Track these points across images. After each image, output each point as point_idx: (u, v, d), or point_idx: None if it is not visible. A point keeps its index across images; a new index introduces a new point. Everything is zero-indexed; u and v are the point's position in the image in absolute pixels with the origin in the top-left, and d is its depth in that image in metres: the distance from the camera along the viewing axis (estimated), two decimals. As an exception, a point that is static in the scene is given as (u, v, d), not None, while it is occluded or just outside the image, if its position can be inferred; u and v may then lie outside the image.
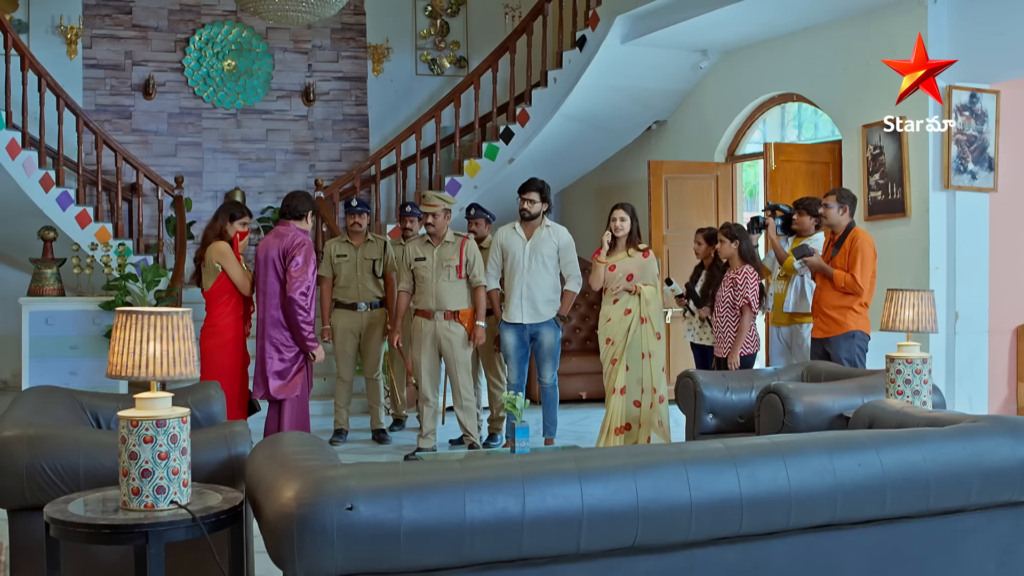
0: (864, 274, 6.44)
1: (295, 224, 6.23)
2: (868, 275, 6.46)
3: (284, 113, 11.86)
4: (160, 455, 2.92)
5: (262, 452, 3.35)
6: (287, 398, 6.24)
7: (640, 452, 3.18)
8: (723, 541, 3.21)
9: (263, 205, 11.81)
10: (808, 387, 5.04)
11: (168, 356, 2.89)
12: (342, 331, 7.85)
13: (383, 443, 7.95)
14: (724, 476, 3.15)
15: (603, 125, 10.41)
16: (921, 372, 4.64)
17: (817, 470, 3.26)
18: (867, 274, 6.45)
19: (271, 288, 6.24)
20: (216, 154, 11.63)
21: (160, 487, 2.93)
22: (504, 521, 2.90)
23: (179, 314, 2.94)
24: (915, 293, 4.75)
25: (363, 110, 12.16)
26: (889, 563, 3.45)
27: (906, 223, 7.68)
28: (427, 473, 2.94)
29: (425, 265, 7.11)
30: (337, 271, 7.87)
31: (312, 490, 2.80)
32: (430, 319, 7.11)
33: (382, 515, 2.80)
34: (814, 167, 8.41)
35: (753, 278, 6.75)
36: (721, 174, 9.85)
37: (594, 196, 11.77)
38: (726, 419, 5.62)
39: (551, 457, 3.12)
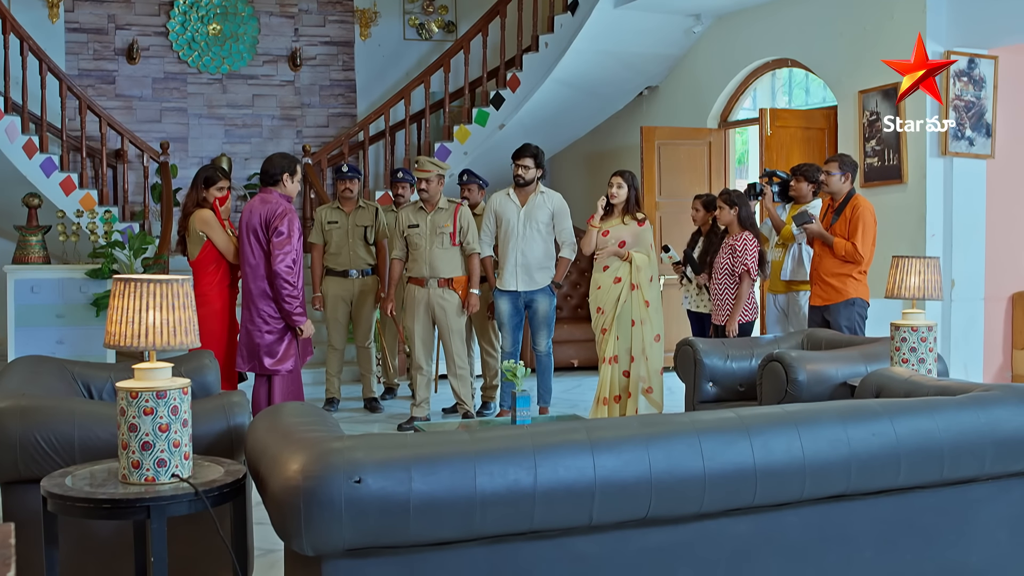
0: (865, 242, 6.39)
1: (275, 190, 5.91)
2: (869, 243, 6.42)
3: (270, 78, 11.69)
4: (161, 427, 2.83)
5: (262, 423, 3.26)
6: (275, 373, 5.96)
7: (653, 422, 3.11)
8: (735, 512, 3.15)
9: (249, 172, 11.65)
10: (811, 355, 4.98)
11: (168, 325, 2.79)
12: (333, 298, 7.76)
13: (375, 412, 7.88)
14: (737, 446, 3.09)
15: (595, 90, 10.29)
16: (927, 340, 4.59)
17: (831, 440, 3.20)
18: (868, 242, 6.40)
19: (255, 258, 6.00)
20: (201, 120, 11.47)
21: (161, 460, 2.84)
22: (515, 493, 2.83)
23: (179, 282, 2.84)
24: (921, 260, 4.69)
25: (350, 75, 12.00)
26: (901, 533, 3.40)
27: (903, 190, 7.62)
28: (437, 444, 2.86)
29: (419, 232, 7.01)
30: (328, 238, 7.76)
31: (319, 462, 2.72)
32: (423, 287, 7.02)
33: (391, 488, 2.72)
34: (809, 133, 8.34)
35: (752, 245, 6.67)
36: (714, 140, 9.76)
37: (585, 162, 11.67)
38: (726, 387, 5.56)
39: (562, 428, 3.04)
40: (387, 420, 7.62)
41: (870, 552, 3.36)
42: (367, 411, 7.92)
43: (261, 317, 5.85)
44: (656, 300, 6.97)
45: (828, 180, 6.54)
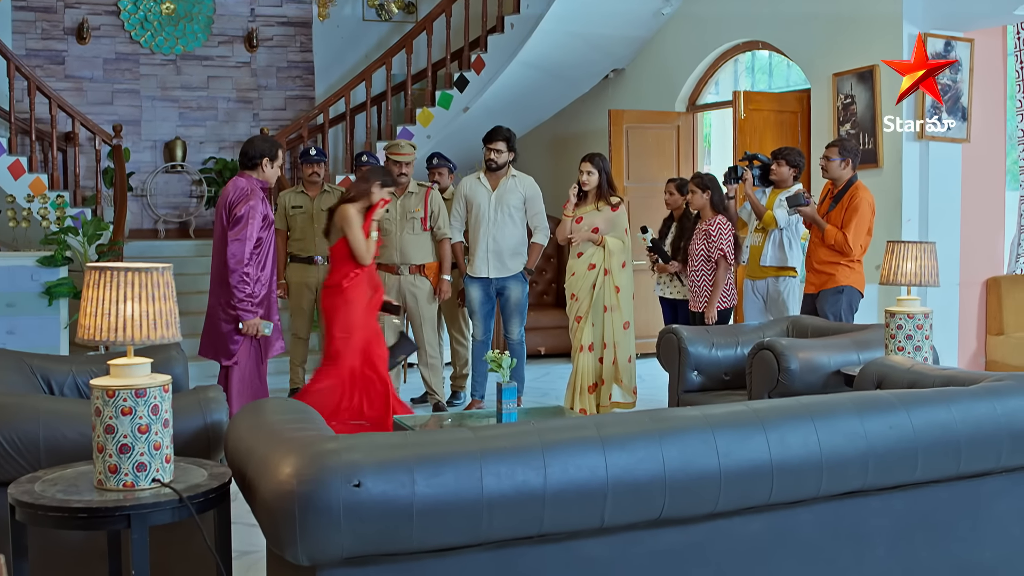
0: (857, 234, 6.22)
1: (252, 174, 5.57)
2: (861, 235, 6.24)
3: (226, 59, 11.37)
4: (140, 428, 2.60)
5: (244, 421, 3.05)
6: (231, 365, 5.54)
7: (665, 417, 2.94)
8: (748, 511, 2.99)
9: (204, 156, 11.36)
10: (803, 343, 4.84)
11: (148, 318, 2.56)
12: (297, 286, 7.50)
13: (341, 402, 7.64)
14: (753, 442, 2.92)
15: (561, 73, 10.10)
16: (923, 327, 4.48)
17: (848, 434, 3.05)
18: (860, 234, 6.23)
19: (219, 241, 5.69)
20: (155, 102, 11.12)
21: (141, 464, 2.62)
22: (524, 495, 2.64)
23: (159, 270, 2.61)
24: (917, 245, 4.57)
25: (308, 57, 11.71)
26: (916, 530, 3.26)
27: (878, 174, 7.51)
28: (440, 444, 2.67)
29: (389, 217, 6.78)
30: (292, 223, 7.50)
31: (314, 465, 2.51)
32: (394, 273, 6.80)
33: (392, 491, 2.53)
34: (783, 116, 8.22)
35: (727, 229, 6.53)
36: (682, 124, 9.63)
37: (550, 146, 11.48)
38: (711, 376, 5.41)
39: (570, 424, 2.86)
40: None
41: (883, 549, 3.22)
42: (333, 402, 7.68)
43: (220, 305, 5.51)
44: (627, 286, 6.76)
45: (827, 165, 6.40)
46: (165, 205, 11.29)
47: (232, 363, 5.42)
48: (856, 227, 6.20)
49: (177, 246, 10.24)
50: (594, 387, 6.75)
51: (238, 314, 5.40)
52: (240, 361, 5.42)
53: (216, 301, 5.48)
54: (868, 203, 6.26)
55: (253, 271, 5.40)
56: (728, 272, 6.54)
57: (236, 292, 5.35)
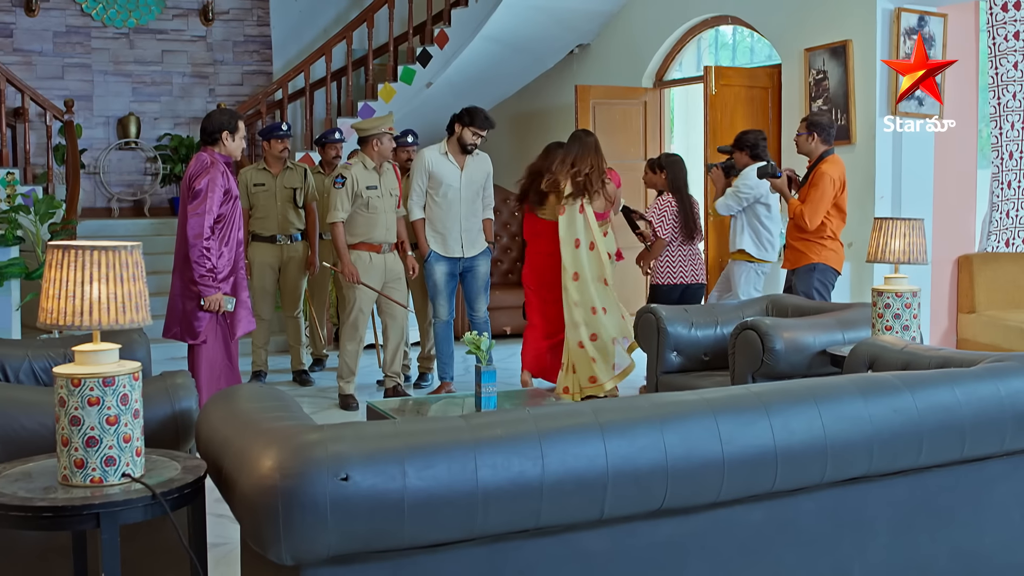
0: (813, 209, 6.10)
1: (215, 149, 5.32)
2: (818, 210, 6.10)
3: (181, 33, 11.05)
4: (108, 419, 2.41)
5: (217, 410, 2.87)
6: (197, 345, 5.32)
7: (665, 402, 2.79)
8: (749, 500, 2.86)
9: (159, 132, 11.06)
10: (787, 323, 4.72)
11: (116, 300, 2.37)
12: (260, 266, 7.28)
13: (305, 385, 7.46)
14: (757, 427, 2.79)
15: (525, 48, 9.91)
16: (911, 306, 4.37)
17: (852, 417, 2.92)
18: (817, 209, 6.09)
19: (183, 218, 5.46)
20: (107, 77, 10.79)
21: (109, 458, 2.42)
22: (521, 487, 2.49)
23: (128, 248, 2.41)
24: (905, 222, 4.46)
25: (265, 31, 11.43)
26: (917, 516, 3.15)
27: (851, 151, 7.42)
28: (431, 433, 2.50)
29: (378, 194, 6.58)
30: (254, 201, 7.27)
31: (297, 458, 2.34)
32: (379, 253, 6.59)
33: (382, 485, 2.36)
34: (753, 92, 8.09)
35: (666, 207, 6.75)
36: (650, 100, 9.48)
37: (512, 123, 11.28)
38: (691, 357, 5.29)
39: (567, 411, 2.71)
40: (317, 394, 7.20)
41: (885, 537, 3.11)
42: (296, 384, 7.50)
43: (183, 282, 5.29)
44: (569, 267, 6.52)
45: (798, 140, 6.34)
46: (119, 183, 10.98)
47: (200, 342, 5.22)
48: (813, 201, 6.09)
49: (132, 225, 9.97)
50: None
51: (199, 290, 5.19)
52: (207, 340, 5.21)
53: (179, 279, 5.29)
54: (830, 177, 6.13)
55: (215, 246, 5.19)
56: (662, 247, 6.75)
57: (195, 267, 5.15)
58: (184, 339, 5.28)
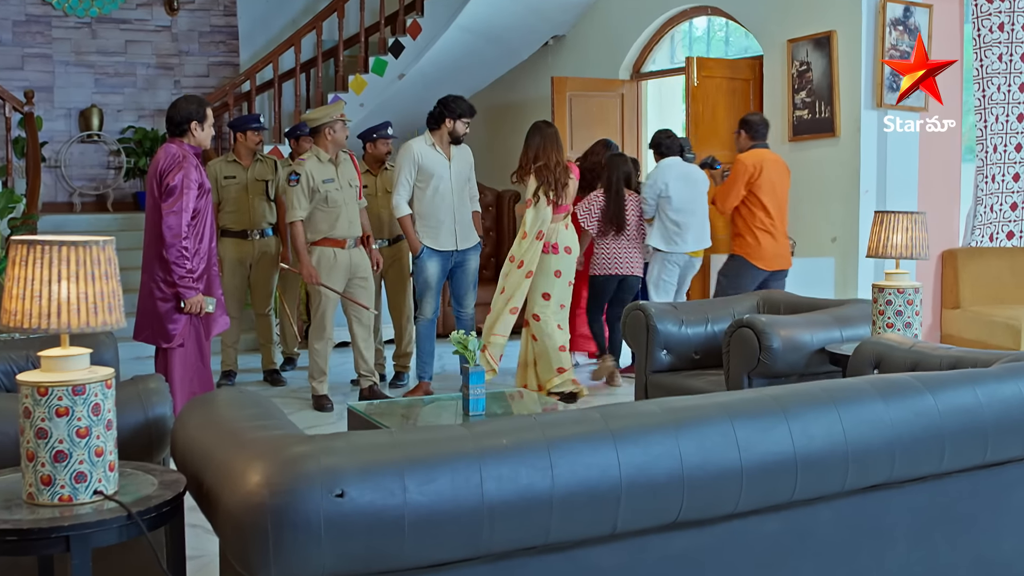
0: (724, 194, 6.60)
1: (184, 140, 5.03)
2: (729, 195, 6.57)
3: (145, 23, 10.76)
4: (78, 432, 2.19)
5: (194, 418, 2.66)
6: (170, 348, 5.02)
7: (678, 407, 2.61)
8: (766, 510, 2.69)
9: (123, 124, 10.77)
10: (783, 320, 4.56)
11: (87, 300, 2.15)
12: (231, 262, 7.02)
13: (277, 385, 7.23)
14: (776, 433, 2.62)
15: (500, 38, 9.70)
16: (913, 303, 4.23)
17: (873, 422, 2.76)
18: (728, 194, 6.58)
19: (152, 215, 5.10)
20: (69, 67, 10.48)
21: (80, 474, 2.21)
22: (529, 500, 2.30)
23: (99, 244, 2.19)
24: (908, 216, 4.31)
25: (232, 21, 11.14)
26: (938, 524, 3.00)
27: (835, 143, 7.30)
28: (433, 444, 2.31)
29: (336, 187, 6.32)
30: (224, 195, 7.01)
31: (287, 472, 2.14)
32: (344, 248, 6.34)
33: (381, 501, 2.17)
34: (735, 84, 7.94)
35: (592, 202, 7.02)
36: (627, 92, 9.32)
37: (485, 115, 11.04)
38: (680, 355, 5.11)
39: (575, 417, 2.52)
40: (289, 394, 6.97)
41: (904, 545, 2.95)
42: (268, 384, 7.26)
43: (155, 282, 4.99)
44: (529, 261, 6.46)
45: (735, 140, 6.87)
46: (81, 177, 10.67)
47: (175, 346, 4.95)
48: (725, 186, 6.61)
49: (95, 220, 9.67)
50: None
51: (178, 292, 4.92)
52: (183, 343, 4.96)
53: (151, 279, 4.97)
54: (743, 164, 6.54)
55: (191, 244, 4.92)
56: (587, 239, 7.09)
57: (175, 269, 4.87)
58: (157, 343, 5.01)
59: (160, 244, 4.89)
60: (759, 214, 6.53)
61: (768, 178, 6.55)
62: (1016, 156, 7.49)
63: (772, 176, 6.59)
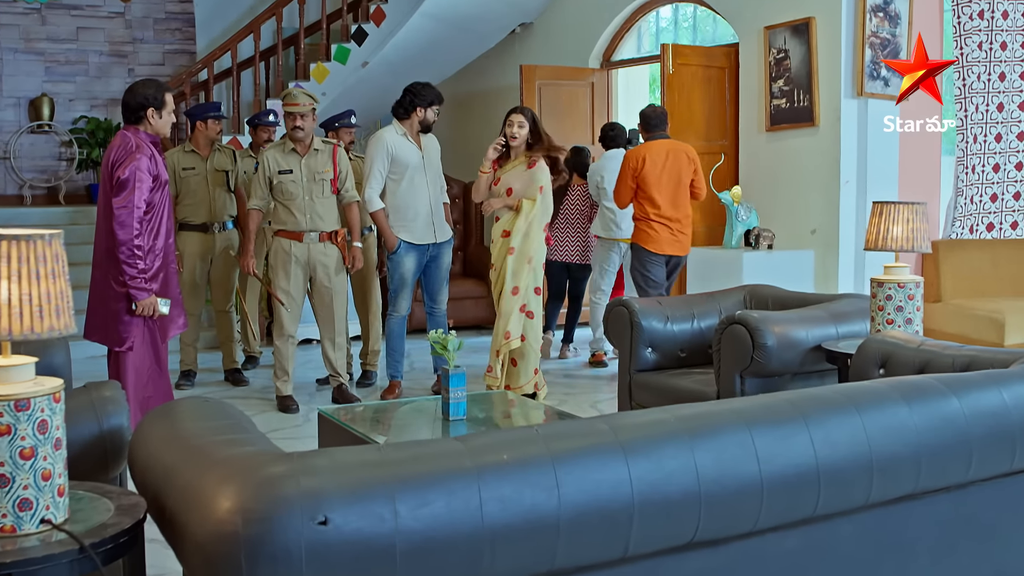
0: (615, 189, 6.86)
1: (140, 128, 4.64)
2: (619, 189, 6.79)
3: (97, 9, 10.39)
4: (22, 453, 1.92)
5: (155, 430, 2.39)
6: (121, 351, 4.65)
7: (691, 415, 2.38)
8: (784, 527, 2.47)
9: (75, 114, 10.38)
10: (776, 316, 4.35)
11: (31, 302, 1.87)
12: (190, 257, 6.71)
13: (239, 385, 6.93)
14: (796, 442, 2.40)
15: (466, 26, 9.44)
16: (914, 297, 4.03)
17: (897, 428, 2.55)
18: (617, 189, 6.81)
19: (104, 207, 4.71)
20: (17, 55, 10.09)
21: (24, 500, 1.93)
22: (534, 523, 2.06)
23: (46, 238, 1.91)
24: (908, 206, 4.10)
25: (188, 7, 10.80)
26: (961, 535, 2.80)
27: (814, 133, 7.11)
28: (425, 460, 2.06)
29: (292, 179, 6.03)
30: (183, 187, 6.69)
31: (264, 497, 1.89)
32: (300, 242, 6.05)
33: (369, 528, 1.91)
34: (710, 72, 7.73)
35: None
36: (597, 81, 9.09)
37: (451, 104, 10.77)
38: (666, 353, 4.88)
39: (580, 429, 2.28)
40: (252, 394, 6.68)
41: (926, 559, 2.75)
42: (230, 384, 6.96)
43: (106, 280, 4.63)
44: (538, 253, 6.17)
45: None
46: (31, 169, 10.28)
47: (125, 349, 4.62)
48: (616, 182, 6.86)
49: (46, 214, 9.31)
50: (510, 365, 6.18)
51: (131, 293, 4.55)
52: (135, 346, 4.62)
53: (103, 276, 4.61)
54: (627, 158, 6.78)
55: (145, 241, 4.55)
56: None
57: (127, 269, 4.50)
58: (108, 344, 4.68)
59: (112, 240, 4.55)
60: (645, 204, 6.66)
61: (653, 169, 6.62)
62: (996, 146, 7.34)
63: (659, 166, 6.64)
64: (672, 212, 6.65)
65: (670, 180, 6.65)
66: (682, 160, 6.71)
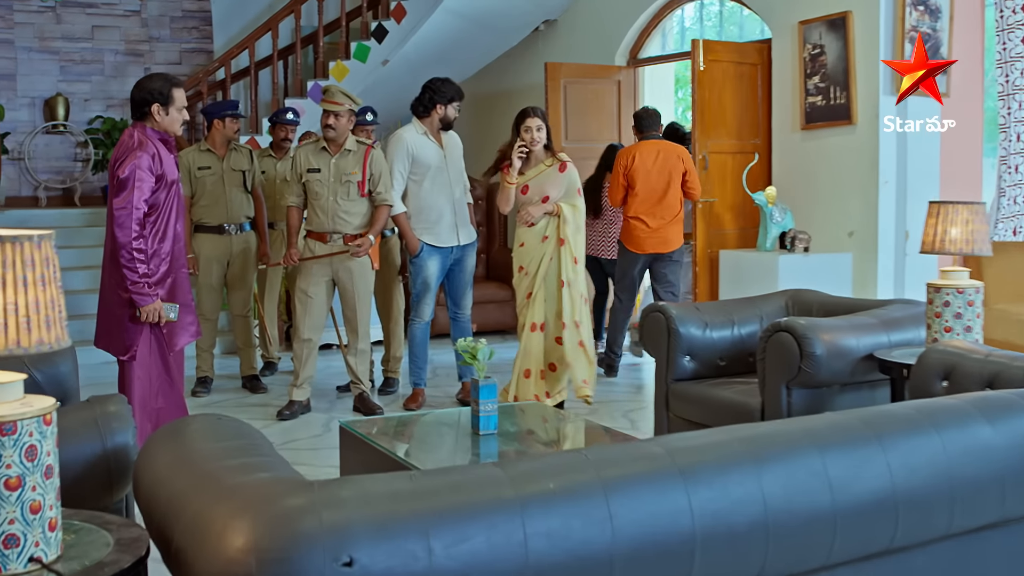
0: (609, 189, 7.08)
1: (147, 125, 4.38)
2: (611, 190, 7.02)
3: (112, 7, 10.23)
4: (8, 483, 1.70)
5: (162, 452, 2.17)
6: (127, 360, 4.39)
7: (754, 436, 2.15)
8: (856, 560, 2.23)
9: (90, 114, 10.22)
10: (824, 323, 4.09)
11: (18, 311, 1.65)
12: (206, 260, 6.50)
13: (257, 392, 6.72)
14: (872, 466, 2.17)
15: (489, 23, 9.20)
16: (974, 304, 3.78)
17: (980, 450, 2.31)
18: (611, 190, 7.02)
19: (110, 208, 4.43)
20: (32, 54, 9.93)
21: (10, 536, 1.71)
22: (585, 560, 1.84)
23: (34, 240, 1.69)
24: (967, 206, 3.86)
25: (205, 6, 10.62)
26: (1044, 567, 2.54)
27: (852, 131, 6.85)
28: (462, 490, 1.83)
29: (319, 179, 5.82)
30: (199, 187, 6.48)
31: (281, 534, 1.66)
32: (325, 243, 5.85)
33: (401, 567, 1.69)
34: (742, 68, 7.48)
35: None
36: (623, 79, 8.85)
37: (473, 104, 10.54)
38: (705, 362, 4.63)
39: (637, 453, 2.04)
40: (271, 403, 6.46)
41: (1004, 594, 2.50)
42: (248, 391, 6.75)
43: (112, 284, 4.39)
44: (583, 257, 6.02)
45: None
46: (46, 170, 10.12)
47: (128, 357, 4.36)
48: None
49: (61, 215, 9.14)
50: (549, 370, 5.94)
51: (133, 298, 4.29)
52: (140, 356, 4.37)
53: (109, 280, 4.38)
54: (617, 159, 6.97)
55: (148, 245, 4.31)
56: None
57: (127, 274, 4.25)
58: (112, 352, 4.45)
59: (116, 243, 4.35)
60: (632, 202, 6.83)
61: (642, 167, 6.80)
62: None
63: (647, 165, 6.81)
64: (657, 210, 6.80)
65: (660, 179, 6.80)
66: (672, 160, 6.84)
